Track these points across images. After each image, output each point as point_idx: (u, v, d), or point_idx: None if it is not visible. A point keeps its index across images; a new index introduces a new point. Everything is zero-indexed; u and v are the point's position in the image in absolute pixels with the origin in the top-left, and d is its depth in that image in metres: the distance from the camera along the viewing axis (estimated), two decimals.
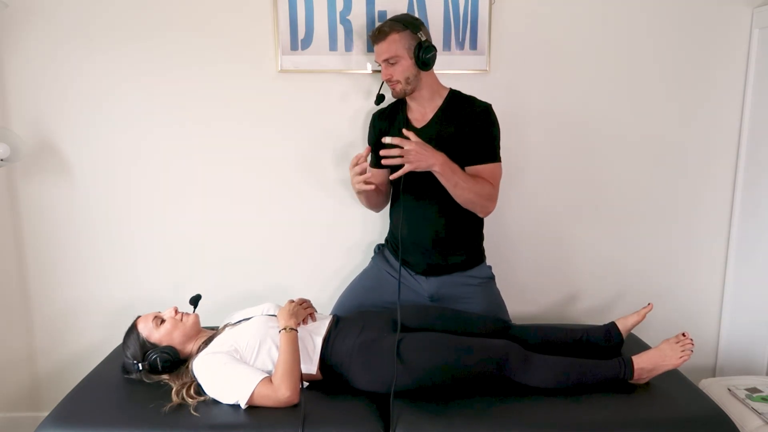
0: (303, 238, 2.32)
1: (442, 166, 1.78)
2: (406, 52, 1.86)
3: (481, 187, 1.87)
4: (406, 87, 1.90)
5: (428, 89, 1.95)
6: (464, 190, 1.84)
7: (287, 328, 1.69)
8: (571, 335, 1.89)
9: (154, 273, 2.32)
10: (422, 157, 1.76)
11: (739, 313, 2.34)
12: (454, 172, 1.81)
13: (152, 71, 2.18)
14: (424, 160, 1.76)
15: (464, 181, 1.83)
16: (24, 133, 2.19)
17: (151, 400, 1.63)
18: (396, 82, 1.89)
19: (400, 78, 1.88)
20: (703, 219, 2.35)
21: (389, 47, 1.86)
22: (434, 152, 1.78)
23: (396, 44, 1.86)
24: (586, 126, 2.27)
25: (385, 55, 1.87)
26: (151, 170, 2.25)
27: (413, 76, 1.89)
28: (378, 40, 1.88)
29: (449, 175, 1.81)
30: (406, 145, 1.74)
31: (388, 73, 1.89)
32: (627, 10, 2.19)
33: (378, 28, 1.89)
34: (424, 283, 2.03)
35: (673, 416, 1.59)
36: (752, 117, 2.23)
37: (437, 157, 1.78)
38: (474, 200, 1.87)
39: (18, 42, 2.15)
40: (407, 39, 1.86)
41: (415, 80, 1.90)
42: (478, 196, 1.87)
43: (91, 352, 2.33)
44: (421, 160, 1.76)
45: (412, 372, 1.66)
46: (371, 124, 2.10)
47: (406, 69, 1.87)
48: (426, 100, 1.96)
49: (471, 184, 1.84)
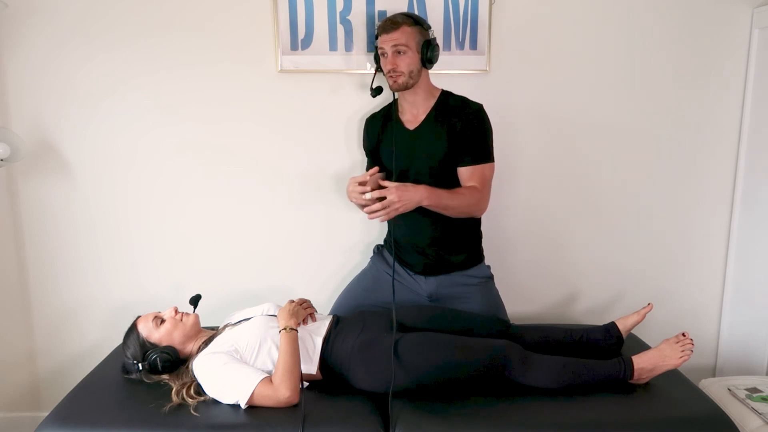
0: (303, 238, 2.32)
1: (429, 199, 1.83)
2: (415, 45, 1.87)
3: (470, 197, 1.90)
4: (409, 80, 1.89)
5: (424, 89, 1.95)
6: (454, 210, 1.89)
7: (287, 328, 1.69)
8: (571, 335, 1.89)
9: (154, 273, 2.32)
10: (406, 200, 1.79)
11: (739, 313, 2.34)
12: (440, 198, 1.85)
13: (152, 71, 2.18)
14: (410, 201, 1.80)
15: (452, 200, 1.87)
16: (24, 133, 2.19)
17: (151, 400, 1.63)
18: (400, 73, 1.88)
19: (405, 69, 1.88)
20: (703, 219, 2.35)
21: (400, 36, 1.86)
22: (416, 189, 1.81)
23: (407, 35, 1.86)
24: (586, 126, 2.27)
25: (395, 43, 1.86)
26: (150, 170, 2.25)
27: (416, 70, 1.89)
28: (390, 29, 1.88)
29: (437, 203, 1.85)
30: (387, 195, 1.76)
31: (394, 63, 1.88)
32: (627, 11, 2.19)
33: (390, 19, 1.90)
34: (423, 282, 2.03)
35: (673, 416, 1.59)
36: (752, 117, 2.23)
37: (420, 192, 1.81)
38: (465, 212, 1.93)
39: (18, 42, 2.15)
40: (418, 34, 1.88)
41: (417, 75, 1.90)
42: (467, 207, 1.92)
43: (91, 352, 2.33)
44: (406, 203, 1.79)
45: (412, 372, 1.66)
46: (365, 130, 2.10)
47: (412, 62, 1.88)
48: (421, 100, 1.96)
49: (459, 201, 1.88)
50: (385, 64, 1.91)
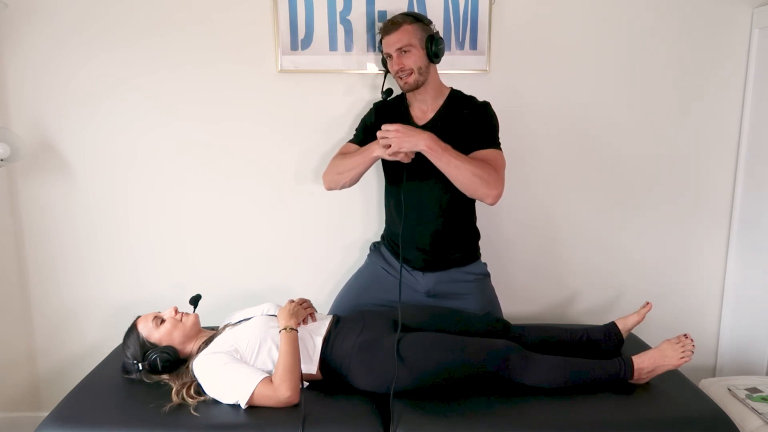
0: (302, 237, 2.32)
1: (428, 144, 1.76)
2: (418, 42, 1.87)
3: (479, 166, 1.80)
4: (419, 78, 1.89)
5: (434, 86, 1.95)
6: (458, 170, 1.78)
7: (287, 328, 1.69)
8: (571, 335, 1.89)
9: (154, 273, 2.32)
10: (405, 138, 1.76)
11: (739, 313, 2.34)
12: (445, 150, 1.78)
13: (152, 71, 2.18)
14: (408, 140, 1.76)
15: (457, 158, 1.78)
16: (24, 133, 2.19)
17: (151, 400, 1.63)
18: (409, 71, 1.88)
19: (413, 67, 1.88)
20: (703, 219, 2.35)
21: (402, 36, 1.86)
22: (419, 132, 1.78)
23: (409, 34, 1.87)
24: (586, 126, 2.27)
25: (399, 44, 1.87)
26: (150, 170, 2.25)
27: (425, 66, 1.89)
28: (390, 30, 1.88)
29: (440, 153, 1.77)
30: (389, 127, 1.75)
31: (401, 63, 1.88)
32: (627, 11, 2.19)
33: (390, 20, 1.90)
34: (421, 278, 2.03)
35: (673, 416, 1.59)
36: (752, 117, 2.23)
37: (422, 136, 1.77)
38: (473, 181, 1.79)
39: (18, 42, 2.15)
40: (419, 30, 1.88)
41: (426, 72, 1.90)
42: (475, 177, 1.78)
43: (91, 352, 2.33)
44: (403, 141, 1.76)
45: (412, 372, 1.66)
46: (371, 111, 2.07)
47: (418, 59, 1.88)
48: (430, 97, 1.96)
49: (466, 163, 1.78)
50: (392, 66, 1.90)
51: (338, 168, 1.96)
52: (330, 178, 1.99)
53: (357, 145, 2.00)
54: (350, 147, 2.02)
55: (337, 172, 1.96)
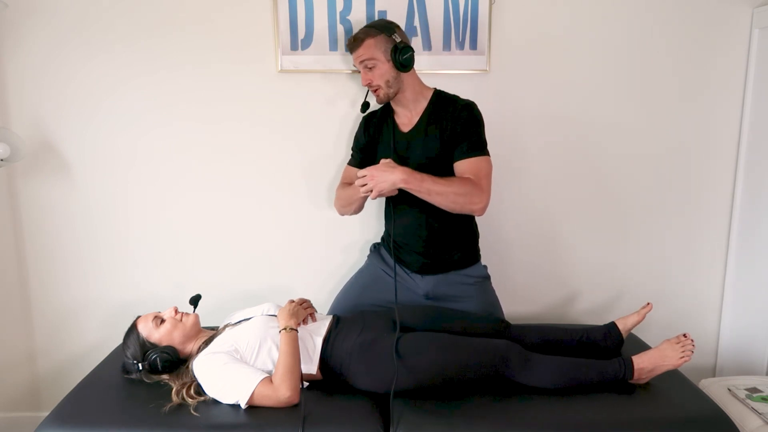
0: (303, 237, 2.32)
1: (403, 179, 1.78)
2: (382, 55, 1.87)
3: (459, 186, 1.82)
4: (388, 91, 1.91)
5: (411, 91, 1.95)
6: (440, 196, 1.81)
7: (287, 328, 1.69)
8: (571, 335, 1.89)
9: (154, 273, 2.32)
10: (380, 180, 1.78)
11: (739, 313, 2.34)
12: (422, 180, 1.79)
13: (152, 71, 2.18)
14: (383, 182, 1.78)
15: (436, 184, 1.80)
16: (24, 133, 2.19)
17: (151, 400, 1.63)
18: (377, 87, 1.91)
19: (380, 82, 1.89)
20: (703, 219, 2.35)
21: (365, 52, 1.88)
22: (392, 170, 1.79)
23: (372, 48, 1.87)
24: (585, 126, 2.27)
25: (361, 59, 1.88)
26: (150, 170, 2.25)
27: (393, 78, 1.90)
28: (354, 47, 1.90)
29: (418, 185, 1.79)
30: (362, 173, 1.78)
31: (368, 78, 1.90)
32: (627, 11, 2.19)
33: (353, 36, 1.92)
34: (420, 281, 2.03)
35: (673, 416, 1.59)
36: (752, 117, 2.23)
37: (395, 172, 1.78)
38: (457, 202, 1.82)
39: (18, 42, 2.15)
40: (383, 42, 1.87)
41: (395, 83, 1.90)
42: (458, 197, 1.81)
43: (91, 352, 2.33)
44: (379, 183, 1.78)
45: (412, 372, 1.66)
46: (361, 126, 2.09)
47: (385, 72, 1.88)
48: (410, 102, 1.96)
49: (445, 188, 1.80)
50: (362, 80, 1.93)
51: (341, 201, 2.06)
52: (338, 208, 2.10)
53: (356, 168, 2.00)
54: (350, 171, 2.06)
55: (341, 205, 2.07)
